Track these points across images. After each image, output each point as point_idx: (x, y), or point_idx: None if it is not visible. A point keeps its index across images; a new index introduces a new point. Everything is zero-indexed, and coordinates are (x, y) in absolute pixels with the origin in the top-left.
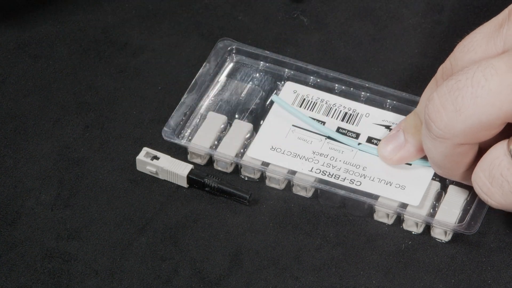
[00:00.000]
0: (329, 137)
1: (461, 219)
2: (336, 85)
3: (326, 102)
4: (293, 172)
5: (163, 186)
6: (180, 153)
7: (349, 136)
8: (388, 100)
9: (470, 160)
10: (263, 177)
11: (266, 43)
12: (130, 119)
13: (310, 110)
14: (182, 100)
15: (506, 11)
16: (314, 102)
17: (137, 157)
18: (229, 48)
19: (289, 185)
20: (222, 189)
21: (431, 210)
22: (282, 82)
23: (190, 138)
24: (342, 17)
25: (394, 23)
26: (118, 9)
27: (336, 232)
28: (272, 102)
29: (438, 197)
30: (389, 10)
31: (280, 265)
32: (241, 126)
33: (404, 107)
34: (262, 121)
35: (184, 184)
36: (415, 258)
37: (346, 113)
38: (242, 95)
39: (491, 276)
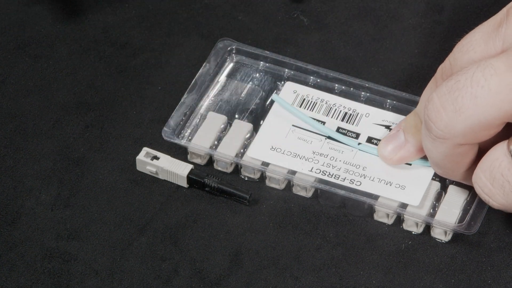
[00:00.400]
0: (329, 137)
1: (461, 219)
2: (336, 85)
3: (326, 102)
4: (293, 172)
5: (163, 186)
6: (180, 153)
7: (349, 136)
8: (388, 100)
9: (470, 160)
10: (263, 177)
11: (266, 43)
12: (130, 119)
13: (310, 110)
14: (182, 100)
15: (504, 10)
16: (314, 102)
17: (137, 157)
18: (229, 48)
19: (289, 185)
20: (222, 189)
21: (431, 210)
22: (282, 82)
23: (190, 138)
24: (342, 17)
25: (394, 23)
26: (118, 9)
27: (336, 232)
28: (272, 102)
29: (438, 197)
30: (389, 10)
31: (280, 265)
32: (241, 126)
33: (404, 107)
34: (262, 121)
35: (184, 184)
36: (415, 258)
37: (346, 113)
38: (242, 95)
39: (491, 276)
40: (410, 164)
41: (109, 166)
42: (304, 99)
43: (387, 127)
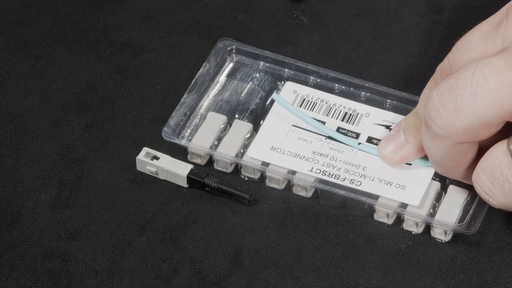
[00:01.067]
0: (329, 137)
1: (461, 219)
2: (336, 85)
3: (326, 102)
4: (293, 172)
5: (163, 186)
6: (180, 153)
7: (349, 136)
8: (388, 100)
9: (470, 158)
10: (263, 177)
11: (266, 43)
12: (130, 119)
13: (310, 110)
14: (182, 100)
15: (503, 10)
16: (314, 102)
17: (137, 157)
18: (229, 48)
19: (289, 185)
20: (222, 189)
21: (431, 210)
22: (282, 82)
23: (190, 138)
24: (342, 17)
25: (394, 23)
26: (118, 9)
27: (336, 232)
28: (272, 102)
29: (438, 197)
30: (389, 10)
31: (280, 265)
32: (241, 126)
33: (404, 107)
34: (262, 121)
35: (184, 184)
36: (415, 258)
37: (346, 113)
38: (242, 95)
39: (491, 276)
40: (410, 164)
41: (109, 166)
42: (304, 99)
43: (387, 127)
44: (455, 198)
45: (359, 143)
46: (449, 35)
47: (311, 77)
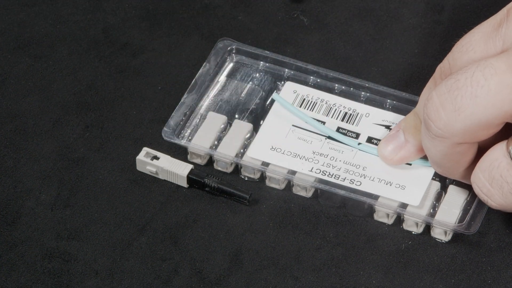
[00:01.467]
0: (329, 137)
1: (461, 219)
2: (336, 85)
3: (326, 102)
4: (293, 172)
5: (163, 186)
6: (180, 153)
7: (349, 136)
8: (388, 100)
9: (470, 159)
10: (263, 177)
11: (266, 43)
12: (130, 119)
13: (310, 110)
14: (182, 100)
15: (504, 10)
16: (314, 102)
17: (137, 157)
18: (229, 48)
19: (289, 185)
20: (222, 189)
21: (431, 210)
22: (282, 82)
23: (190, 138)
24: (342, 17)
25: (394, 23)
26: (118, 9)
27: (336, 232)
28: (272, 102)
29: (438, 197)
30: (389, 10)
31: (280, 265)
32: (241, 126)
33: (404, 107)
34: (262, 121)
35: (184, 184)
36: (415, 258)
37: (346, 113)
38: (242, 95)
39: (491, 276)
40: (410, 164)
41: (109, 166)
42: (304, 99)
43: (387, 127)
44: (455, 198)
45: (359, 143)
46: (449, 35)
47: (311, 77)
